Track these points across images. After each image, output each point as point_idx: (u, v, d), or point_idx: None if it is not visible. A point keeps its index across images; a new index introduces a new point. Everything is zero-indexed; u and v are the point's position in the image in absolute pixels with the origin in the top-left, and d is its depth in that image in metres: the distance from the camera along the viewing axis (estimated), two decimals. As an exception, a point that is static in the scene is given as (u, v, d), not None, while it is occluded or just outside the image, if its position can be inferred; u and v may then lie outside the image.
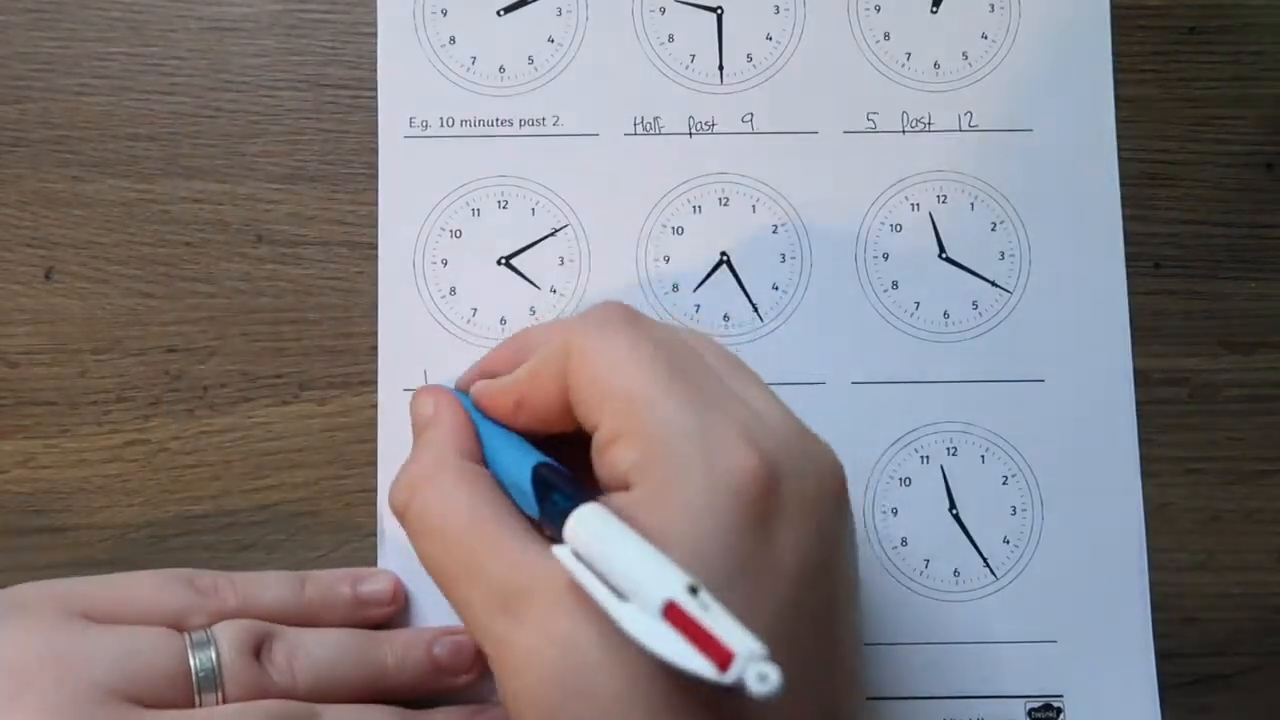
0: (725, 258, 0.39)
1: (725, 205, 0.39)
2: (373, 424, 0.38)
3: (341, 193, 0.39)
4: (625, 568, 0.24)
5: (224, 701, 0.32)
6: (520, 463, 0.29)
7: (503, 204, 0.39)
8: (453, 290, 0.39)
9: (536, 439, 0.31)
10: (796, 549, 0.26)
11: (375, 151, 0.39)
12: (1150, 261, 0.39)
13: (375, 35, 0.40)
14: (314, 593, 0.35)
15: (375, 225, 0.39)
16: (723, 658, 0.22)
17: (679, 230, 0.39)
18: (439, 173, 0.39)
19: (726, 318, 0.39)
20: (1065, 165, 0.39)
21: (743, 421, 0.27)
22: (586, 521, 0.26)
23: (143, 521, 0.38)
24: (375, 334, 0.38)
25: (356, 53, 0.40)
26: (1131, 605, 0.38)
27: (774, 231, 0.39)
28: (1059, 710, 0.37)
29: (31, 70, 0.39)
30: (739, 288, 0.39)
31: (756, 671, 0.22)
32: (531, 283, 0.39)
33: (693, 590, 0.23)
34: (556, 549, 0.26)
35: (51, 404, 0.38)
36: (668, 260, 0.39)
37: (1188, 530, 0.38)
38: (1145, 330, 0.39)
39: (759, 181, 0.39)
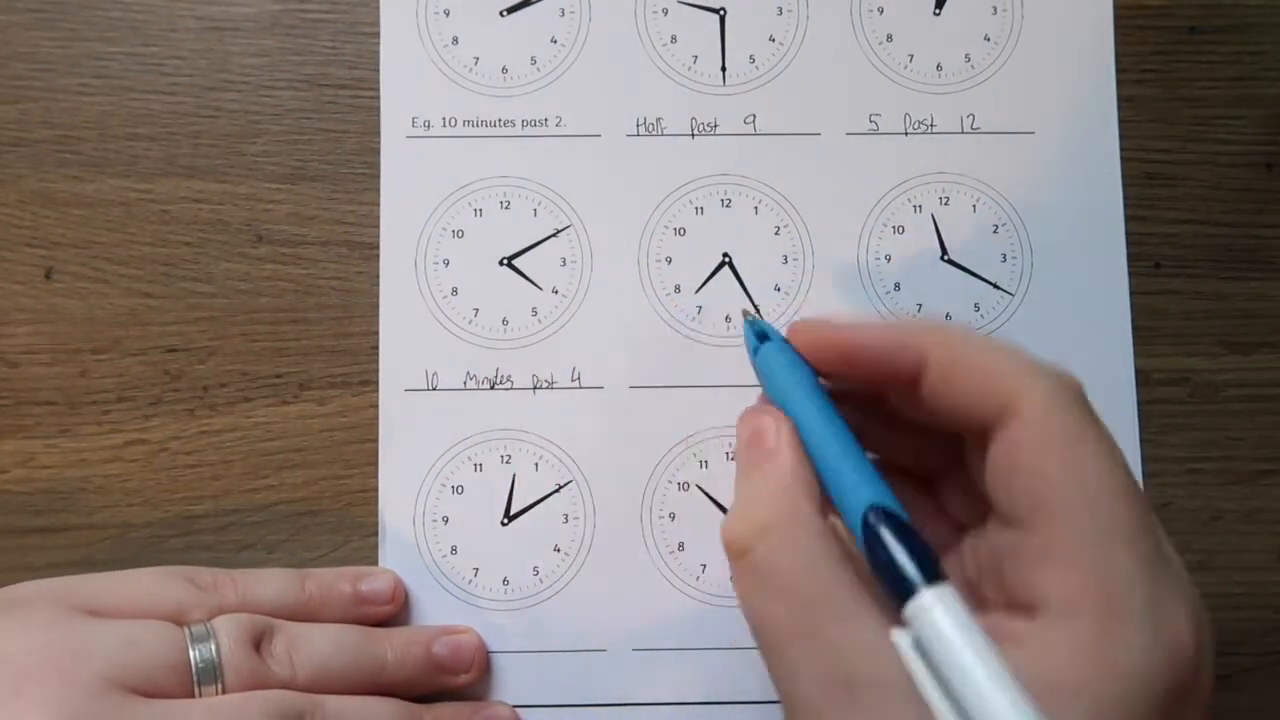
0: (727, 259, 0.39)
1: (727, 206, 0.39)
2: (373, 424, 0.38)
3: (342, 193, 0.39)
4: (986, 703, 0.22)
5: (224, 693, 0.32)
6: (856, 496, 0.26)
7: (505, 204, 0.39)
8: (454, 290, 0.39)
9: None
10: None
11: (376, 151, 0.39)
12: (1150, 261, 0.39)
13: (376, 35, 0.40)
14: (314, 589, 0.36)
15: (376, 225, 0.39)
16: None
17: (681, 231, 0.39)
18: (441, 173, 0.39)
19: (728, 319, 0.39)
20: (1067, 168, 0.39)
21: (1186, 595, 0.25)
22: (936, 615, 0.24)
23: (143, 521, 0.38)
24: (375, 334, 0.38)
25: (357, 53, 0.40)
26: None
27: (776, 233, 0.39)
28: None
29: (31, 70, 0.39)
30: (741, 289, 0.39)
31: None
32: (533, 283, 0.39)
33: None
34: (896, 636, 0.24)
35: (51, 404, 0.38)
36: (670, 261, 0.39)
37: (1188, 530, 0.38)
38: (1145, 330, 0.39)
39: (761, 183, 0.39)
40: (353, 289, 0.39)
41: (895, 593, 0.24)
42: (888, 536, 0.25)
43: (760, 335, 0.30)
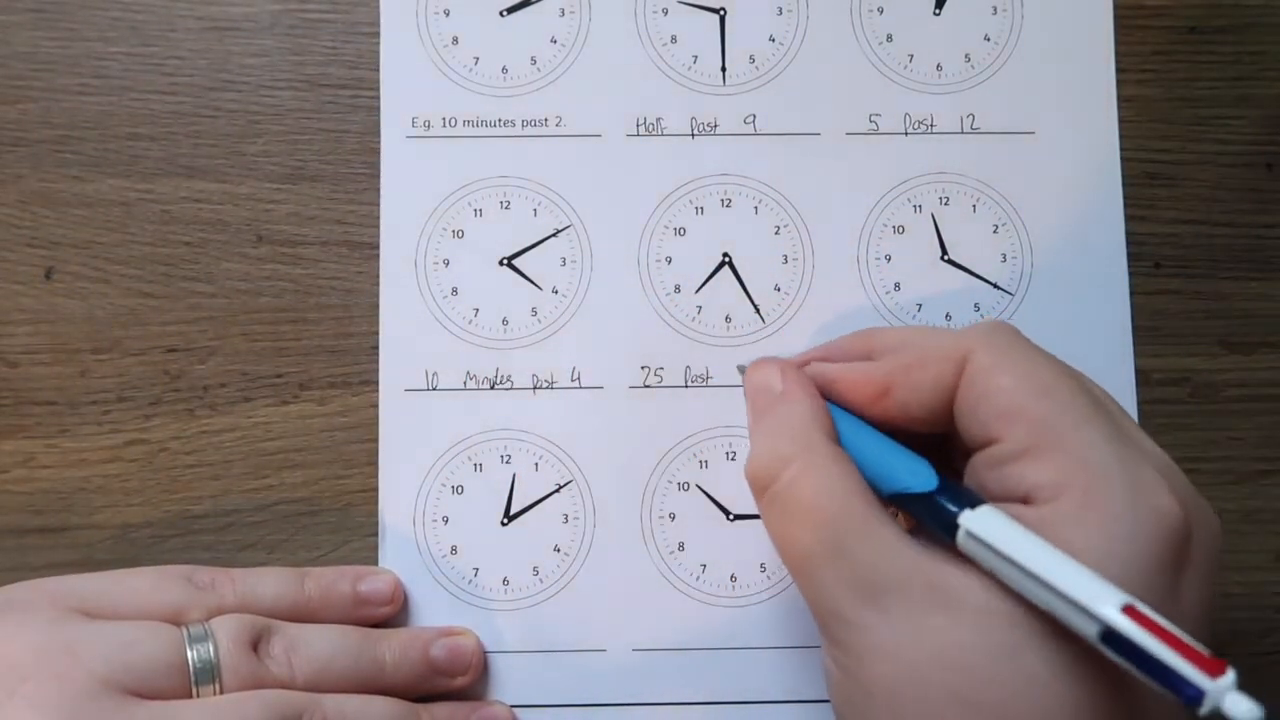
0: (727, 259, 0.39)
1: (728, 206, 0.39)
2: (373, 424, 0.38)
3: (342, 193, 0.39)
4: (1051, 575, 0.24)
5: (221, 694, 0.32)
6: (885, 451, 0.29)
7: (505, 204, 0.39)
8: (454, 291, 0.39)
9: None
10: (1200, 602, 0.26)
11: (376, 151, 0.39)
12: (1150, 261, 0.39)
13: (376, 35, 0.40)
14: (314, 589, 0.36)
15: (376, 225, 0.39)
16: (1214, 667, 0.23)
17: (681, 231, 0.39)
18: (441, 173, 0.39)
19: (728, 319, 0.39)
20: (1067, 168, 0.39)
21: (1159, 467, 0.27)
22: (988, 522, 0.26)
23: (143, 521, 0.38)
24: (375, 334, 0.38)
25: (357, 52, 0.40)
26: None
27: (776, 233, 0.39)
28: None
29: (31, 70, 0.39)
30: (741, 289, 0.39)
31: (1231, 697, 0.22)
32: (533, 283, 0.39)
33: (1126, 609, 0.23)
34: (961, 531, 0.26)
35: (51, 404, 0.38)
36: (670, 261, 0.39)
37: (1188, 530, 0.38)
38: (1145, 330, 0.39)
39: (761, 183, 0.39)
40: (353, 289, 0.39)
41: (944, 518, 0.27)
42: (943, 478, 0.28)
43: None
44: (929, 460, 0.29)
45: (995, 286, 0.39)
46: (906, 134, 0.39)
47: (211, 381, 0.38)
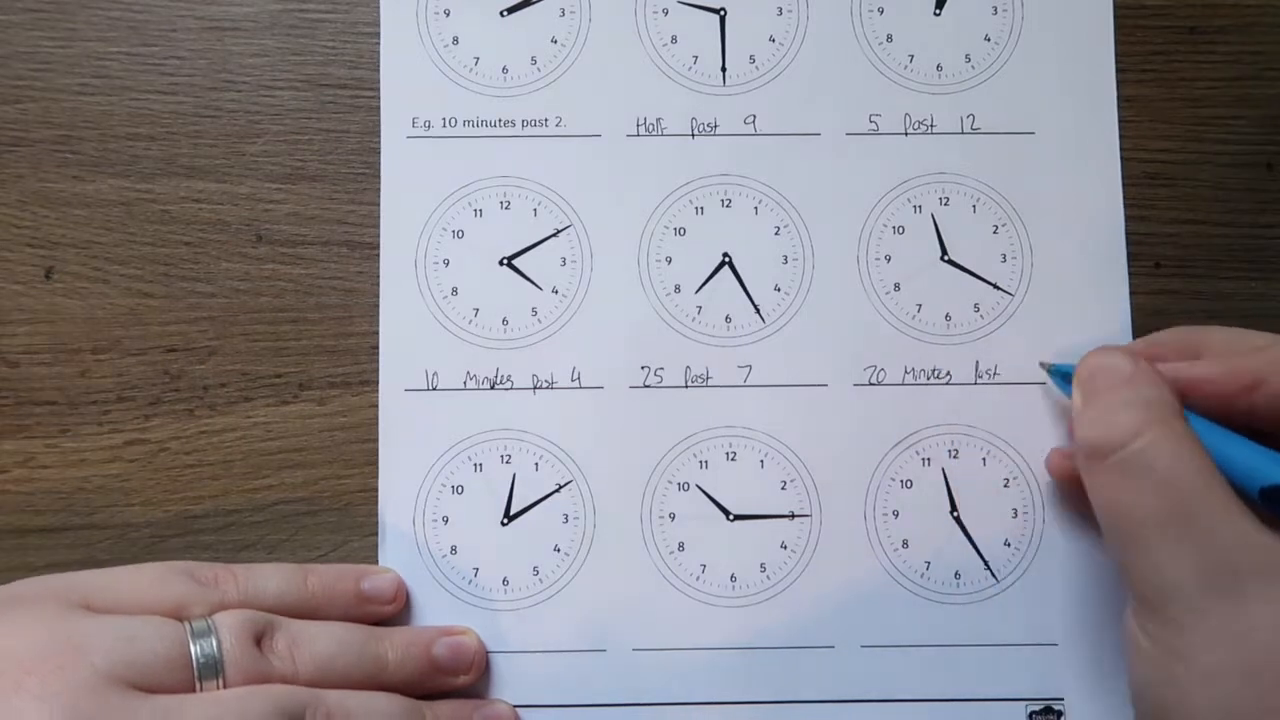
0: (727, 259, 0.39)
1: (727, 206, 0.39)
2: (373, 424, 0.38)
3: (342, 192, 0.39)
4: None
5: (225, 688, 0.32)
6: (1249, 448, 0.29)
7: (505, 204, 0.39)
8: (454, 290, 0.39)
9: None
10: None
11: (376, 151, 0.39)
12: (1150, 261, 0.39)
13: (376, 35, 0.40)
14: (317, 586, 0.36)
15: (376, 225, 0.39)
16: None
17: (681, 231, 0.39)
18: (441, 173, 0.39)
19: (728, 319, 0.39)
20: (1067, 167, 0.39)
21: None
22: None
23: (143, 521, 0.38)
24: (375, 334, 0.38)
25: (357, 52, 0.40)
26: None
27: (776, 233, 0.39)
28: (1060, 713, 0.37)
29: (31, 70, 0.39)
30: (741, 289, 0.39)
31: None
32: (533, 283, 0.39)
33: None
34: None
35: (51, 404, 0.38)
36: (670, 261, 0.39)
37: (1188, 530, 0.38)
38: (1145, 330, 0.39)
39: (761, 183, 0.39)
40: (353, 289, 0.39)
41: None
42: None
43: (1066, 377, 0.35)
44: None
45: (995, 287, 0.39)
46: (906, 134, 0.39)
47: (211, 381, 0.38)
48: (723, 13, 0.40)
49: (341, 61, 0.39)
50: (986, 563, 0.38)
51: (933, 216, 0.39)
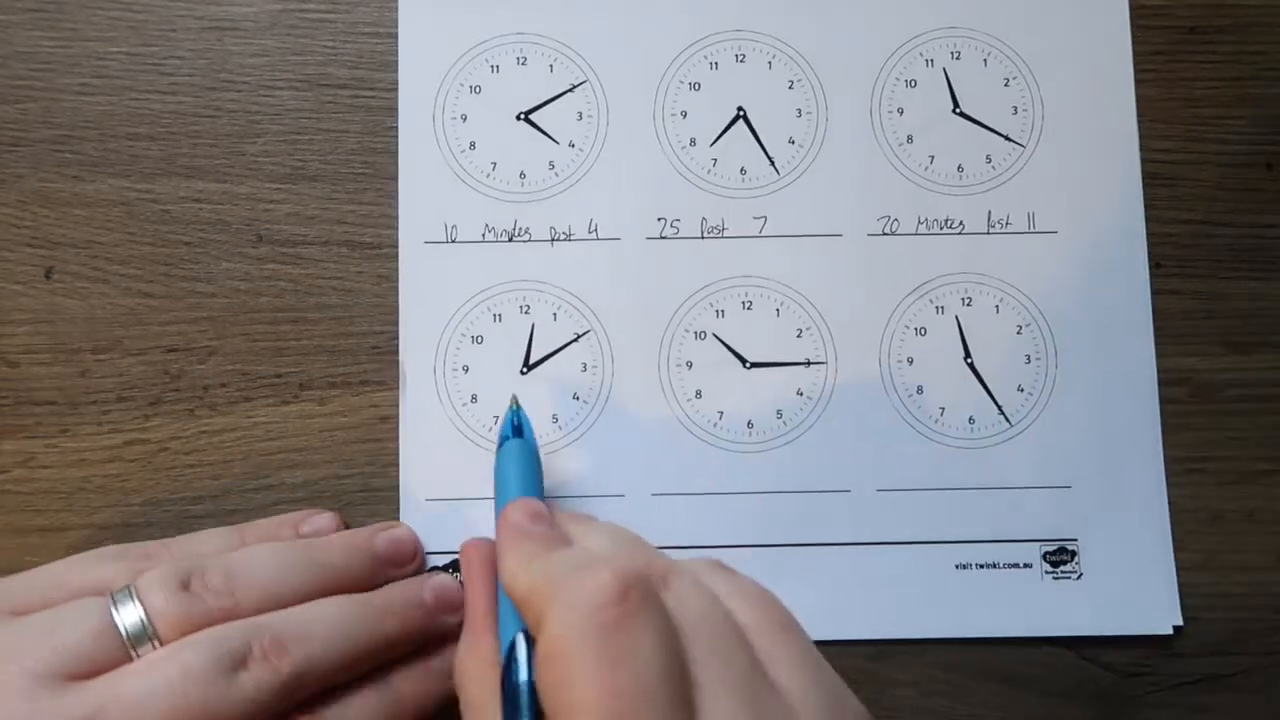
0: (742, 112, 0.39)
1: (741, 61, 0.40)
2: (373, 423, 0.38)
3: (342, 193, 0.39)
4: None
5: (163, 647, 0.31)
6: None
7: (521, 60, 0.40)
8: (472, 145, 0.39)
9: None
10: None
11: (376, 151, 0.39)
12: (1150, 261, 0.39)
13: (376, 35, 0.40)
14: (254, 539, 0.35)
15: (375, 225, 0.39)
16: None
17: (696, 86, 0.40)
18: (457, 29, 0.39)
19: (743, 171, 0.39)
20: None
21: None
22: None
23: (143, 522, 0.38)
24: (376, 334, 0.38)
25: (356, 52, 0.40)
26: (1145, 449, 0.38)
27: (790, 87, 0.39)
28: (1073, 553, 0.37)
29: (31, 70, 0.39)
30: (755, 142, 0.39)
31: None
32: (550, 137, 0.39)
33: None
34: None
35: (51, 404, 0.38)
36: (685, 115, 0.39)
37: (1188, 530, 0.38)
38: (1154, 316, 0.39)
39: (773, 37, 0.40)
40: (353, 289, 0.39)
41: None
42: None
43: (516, 429, 0.35)
44: None
45: (1007, 138, 0.39)
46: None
47: (211, 381, 0.38)
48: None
49: (341, 61, 0.40)
50: (1000, 407, 0.38)
51: (944, 70, 0.40)
